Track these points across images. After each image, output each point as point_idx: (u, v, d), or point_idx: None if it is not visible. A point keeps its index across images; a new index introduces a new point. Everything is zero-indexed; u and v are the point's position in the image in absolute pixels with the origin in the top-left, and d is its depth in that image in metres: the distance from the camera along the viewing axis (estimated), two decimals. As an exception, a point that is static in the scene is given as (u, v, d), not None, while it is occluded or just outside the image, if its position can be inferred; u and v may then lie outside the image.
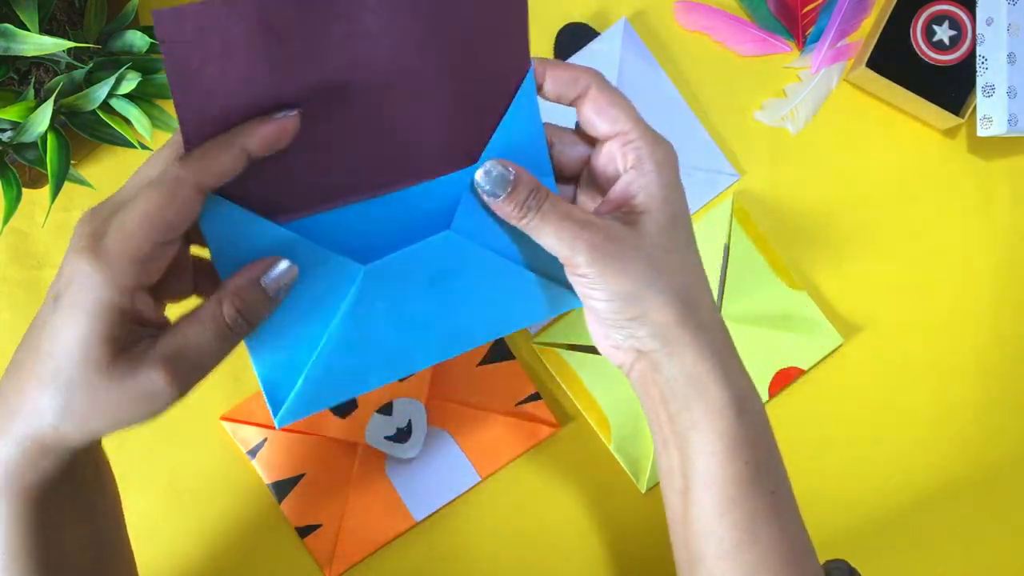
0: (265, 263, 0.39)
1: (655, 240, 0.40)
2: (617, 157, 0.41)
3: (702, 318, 0.41)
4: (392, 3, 0.37)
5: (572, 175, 0.45)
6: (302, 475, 0.61)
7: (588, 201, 0.44)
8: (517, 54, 0.41)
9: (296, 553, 0.62)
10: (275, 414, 0.42)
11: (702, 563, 0.43)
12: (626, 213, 0.40)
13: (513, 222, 0.41)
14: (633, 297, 0.40)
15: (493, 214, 0.42)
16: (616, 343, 0.42)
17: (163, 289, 0.39)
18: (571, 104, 0.42)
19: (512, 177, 0.40)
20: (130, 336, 0.37)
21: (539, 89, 0.42)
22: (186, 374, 0.37)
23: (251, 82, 0.36)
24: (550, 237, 0.40)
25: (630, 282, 0.39)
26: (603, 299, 0.40)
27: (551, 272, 0.45)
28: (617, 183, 0.41)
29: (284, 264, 0.39)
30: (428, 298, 0.43)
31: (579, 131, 0.44)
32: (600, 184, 0.43)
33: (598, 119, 0.41)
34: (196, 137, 0.36)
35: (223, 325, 0.38)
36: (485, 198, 0.41)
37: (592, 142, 0.43)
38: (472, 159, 0.42)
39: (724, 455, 0.41)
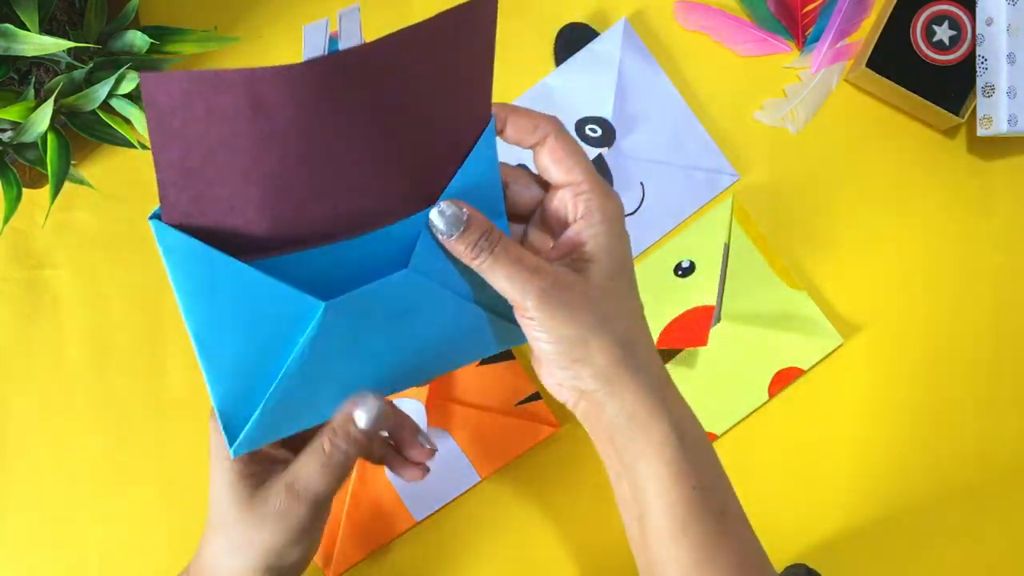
0: (354, 401, 0.44)
1: (600, 287, 0.42)
2: (568, 204, 0.43)
3: (640, 359, 0.43)
4: (364, 74, 0.38)
5: (525, 214, 0.46)
6: (302, 475, 0.61)
7: (538, 239, 0.46)
8: (480, 105, 0.42)
9: (296, 553, 0.62)
10: (230, 445, 0.43)
11: None
12: (575, 260, 0.42)
13: (466, 261, 0.42)
14: (578, 341, 0.42)
15: (449, 254, 0.43)
16: (560, 381, 0.44)
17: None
18: (529, 148, 0.44)
19: (466, 218, 0.42)
20: (265, 473, 0.45)
21: (499, 133, 0.44)
22: (304, 497, 0.44)
23: (232, 146, 0.37)
24: (501, 280, 0.41)
25: (575, 327, 0.41)
26: (549, 342, 0.42)
27: (501, 309, 0.46)
28: (568, 230, 0.43)
29: (377, 407, 0.44)
30: (386, 334, 0.44)
31: (533, 174, 0.46)
32: (550, 225, 0.45)
33: (554, 167, 0.43)
34: (172, 188, 0.37)
35: (323, 457, 0.44)
36: (440, 237, 0.42)
37: (546, 186, 0.45)
38: (431, 201, 0.43)
39: (671, 482, 0.43)
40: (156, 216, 0.38)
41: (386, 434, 0.50)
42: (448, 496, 0.62)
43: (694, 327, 0.61)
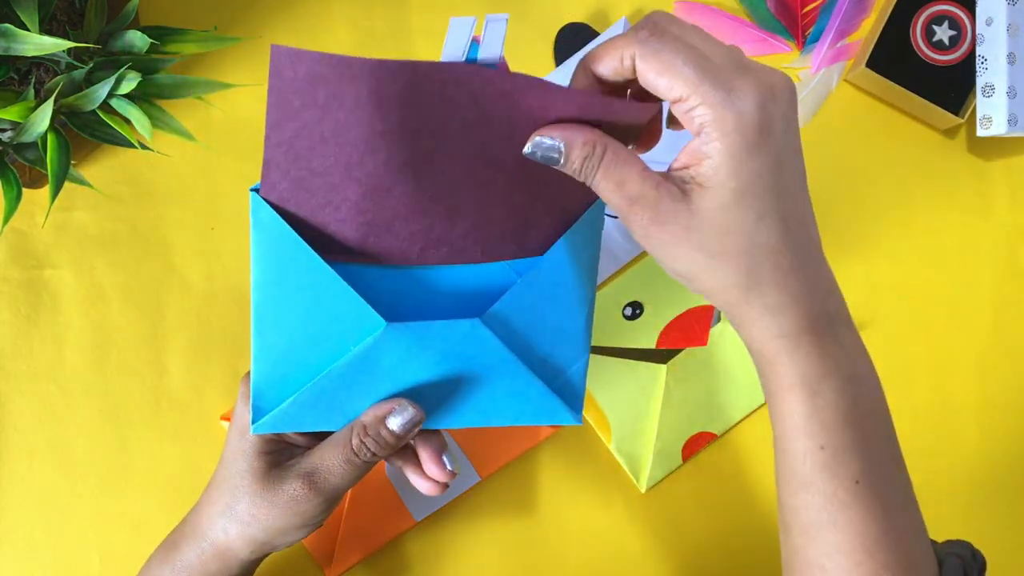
0: (392, 405, 0.44)
1: (711, 221, 0.36)
2: (686, 120, 0.37)
3: (769, 299, 0.38)
4: (497, 103, 0.37)
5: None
6: (302, 475, 0.62)
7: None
8: None
9: (296, 553, 0.62)
10: (253, 420, 0.44)
11: (787, 533, 0.42)
12: (689, 181, 0.37)
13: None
14: (689, 278, 0.38)
15: (527, 317, 0.44)
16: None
17: None
18: (633, 80, 0.38)
19: (561, 146, 0.37)
20: (282, 453, 0.46)
21: (593, 74, 0.39)
22: (321, 488, 0.45)
23: (344, 139, 0.37)
24: (608, 203, 0.38)
25: (681, 265, 0.38)
26: (665, 269, 0.39)
27: (557, 387, 0.47)
28: (686, 146, 0.37)
29: (411, 413, 0.44)
30: (435, 370, 0.45)
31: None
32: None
33: (656, 90, 0.37)
34: (275, 169, 0.38)
35: (350, 452, 0.44)
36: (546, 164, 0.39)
37: None
38: (525, 252, 0.44)
39: (794, 433, 0.39)
40: (256, 189, 0.39)
41: (412, 442, 0.49)
42: (448, 496, 0.62)
43: (694, 327, 0.61)
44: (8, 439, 0.62)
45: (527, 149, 0.38)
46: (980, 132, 0.61)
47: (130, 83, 0.49)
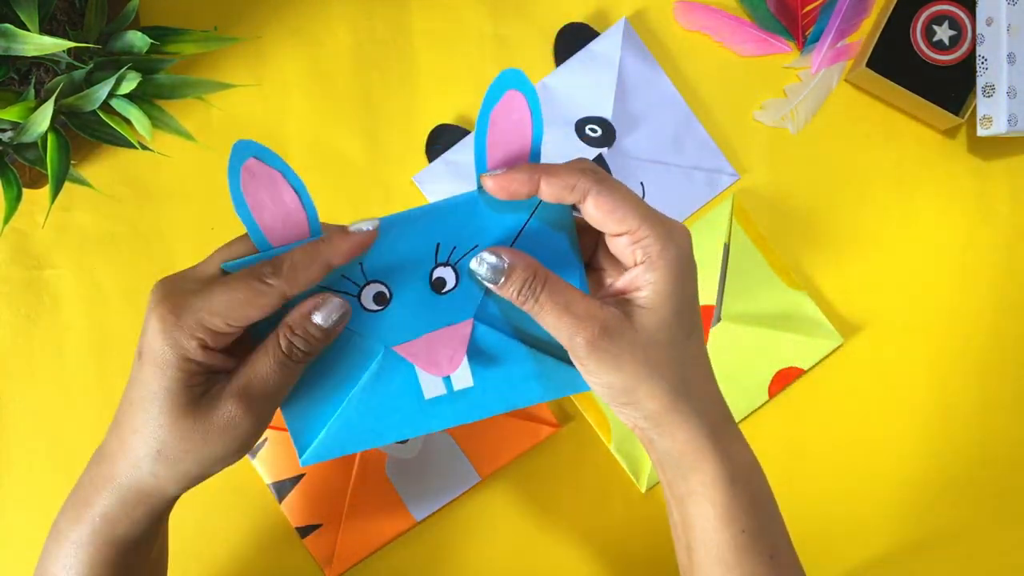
0: (317, 300, 0.43)
1: (653, 336, 0.42)
2: (627, 251, 0.42)
3: (694, 403, 0.43)
4: None
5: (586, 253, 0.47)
6: (302, 475, 0.62)
7: (606, 273, 0.46)
8: None
9: (296, 553, 0.62)
10: (300, 455, 0.47)
11: None
12: (629, 304, 0.42)
13: (518, 305, 0.43)
14: (625, 389, 0.42)
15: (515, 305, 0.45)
16: (616, 412, 0.45)
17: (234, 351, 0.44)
18: (573, 204, 0.43)
19: (505, 266, 0.42)
20: (208, 383, 0.42)
21: (535, 194, 0.43)
22: (258, 403, 0.42)
23: None
24: (549, 325, 0.42)
25: (623, 377, 0.42)
26: (599, 385, 0.43)
27: (565, 358, 0.47)
28: (627, 274, 0.43)
29: (335, 303, 0.43)
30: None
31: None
32: (613, 264, 0.45)
33: (605, 221, 0.42)
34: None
35: (282, 356, 0.42)
36: (486, 284, 0.43)
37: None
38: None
39: (719, 522, 0.44)
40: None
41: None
42: (448, 496, 0.62)
43: (694, 327, 0.61)
44: (8, 439, 0.62)
45: (472, 265, 0.43)
46: (980, 132, 0.61)
47: (130, 83, 0.49)
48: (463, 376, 0.47)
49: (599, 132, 0.63)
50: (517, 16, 0.64)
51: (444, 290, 0.46)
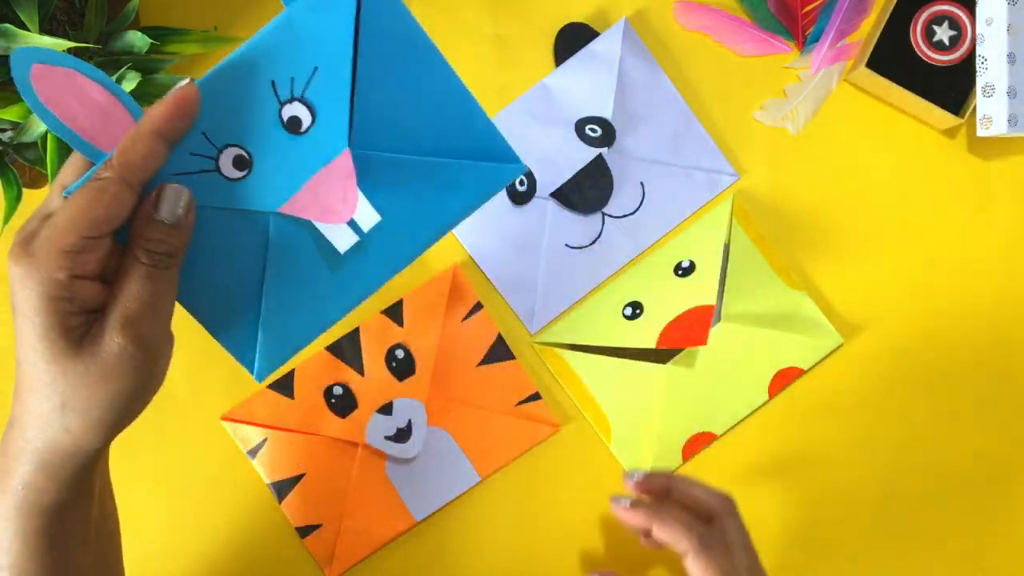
0: (150, 197, 0.39)
1: None
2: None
3: None
4: None
5: None
6: (302, 475, 0.62)
7: None
8: None
9: (296, 553, 0.62)
10: (252, 371, 0.43)
11: None
12: None
13: None
14: None
15: (391, 116, 0.41)
16: None
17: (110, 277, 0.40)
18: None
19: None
20: (88, 321, 0.38)
21: (647, 534, 0.55)
22: (143, 325, 0.38)
23: None
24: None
25: None
26: None
27: (473, 153, 0.43)
28: None
29: (170, 189, 0.39)
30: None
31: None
32: None
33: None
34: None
35: (144, 267, 0.38)
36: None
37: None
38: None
39: None
40: None
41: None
42: (448, 496, 0.62)
43: (694, 327, 0.61)
44: (8, 439, 0.62)
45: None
46: (980, 132, 0.61)
47: (130, 83, 0.49)
48: (367, 213, 0.43)
49: (599, 132, 0.63)
50: (517, 16, 0.64)
51: (302, 129, 0.41)
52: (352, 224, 0.43)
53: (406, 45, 0.42)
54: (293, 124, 0.41)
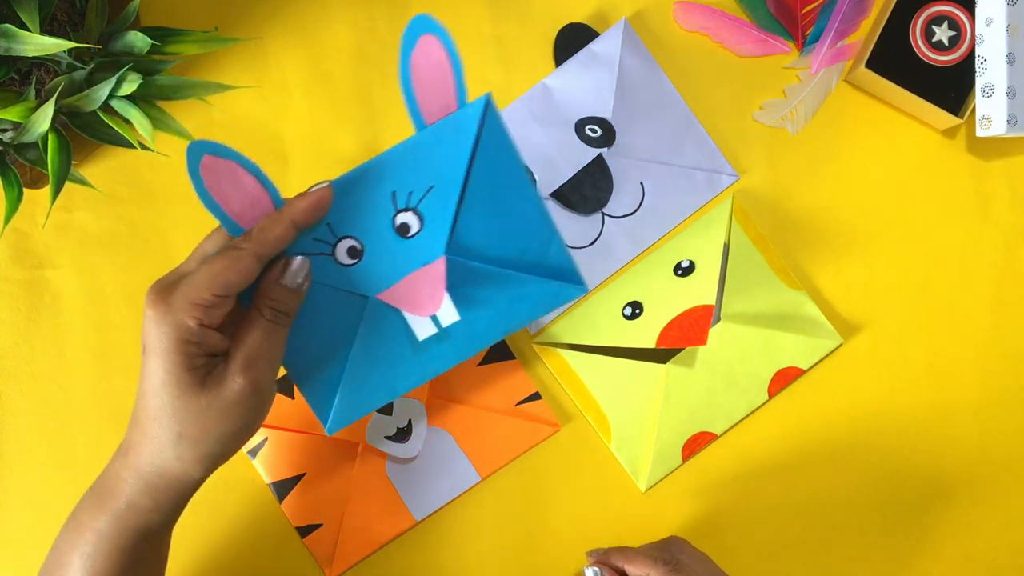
0: (279, 265, 0.47)
1: None
2: None
3: None
4: None
5: None
6: (302, 475, 0.62)
7: None
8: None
9: (296, 552, 0.62)
10: (325, 424, 0.52)
11: None
12: None
13: None
14: None
15: (485, 229, 0.49)
16: None
17: (228, 330, 0.47)
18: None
19: None
20: (209, 364, 0.45)
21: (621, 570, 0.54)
22: (260, 372, 0.46)
23: None
24: None
25: None
26: None
27: (549, 273, 0.51)
28: None
29: (296, 261, 0.48)
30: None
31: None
32: None
33: None
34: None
35: (265, 322, 0.46)
36: None
37: None
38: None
39: None
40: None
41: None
42: (448, 496, 0.62)
43: (694, 326, 0.61)
44: (8, 439, 0.63)
45: None
46: (980, 132, 0.61)
47: (131, 84, 0.49)
48: (448, 311, 0.51)
49: (599, 132, 0.63)
50: (517, 16, 0.64)
51: (410, 234, 0.49)
52: (434, 319, 0.51)
53: (508, 174, 0.49)
54: (403, 229, 0.49)
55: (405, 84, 0.47)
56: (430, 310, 0.49)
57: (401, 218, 0.49)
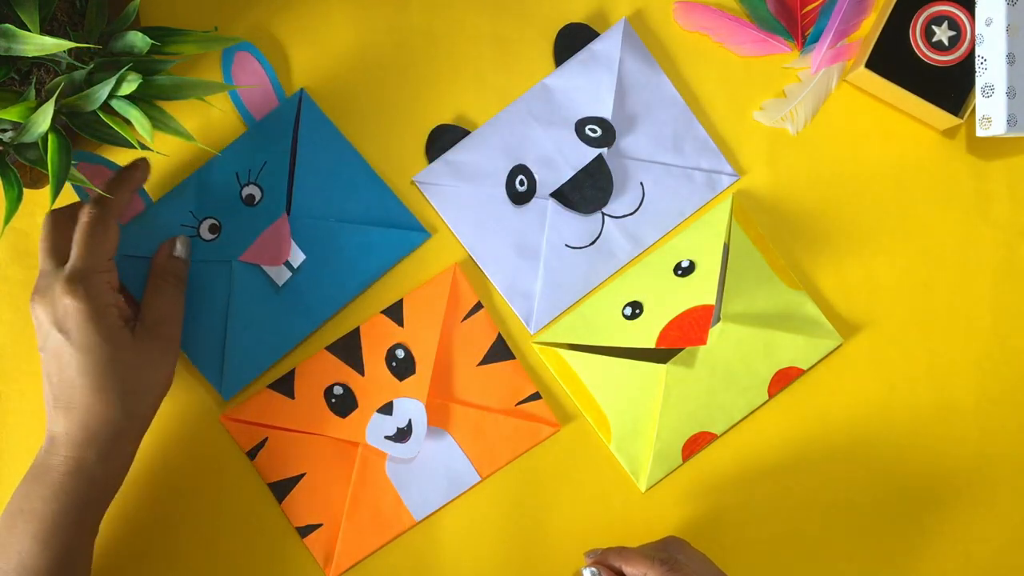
0: (168, 244, 0.60)
1: None
2: None
3: None
4: None
5: None
6: (302, 475, 0.62)
7: None
8: None
9: (296, 553, 0.62)
10: (219, 390, 0.61)
11: None
12: None
13: None
14: None
15: (318, 194, 0.61)
16: None
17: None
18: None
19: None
20: (128, 327, 0.55)
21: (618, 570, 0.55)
22: (172, 327, 0.57)
23: None
24: None
25: None
26: None
27: (387, 223, 0.62)
28: None
29: (181, 238, 0.60)
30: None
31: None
32: None
33: None
34: None
35: (171, 289, 0.58)
36: None
37: None
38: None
39: None
40: None
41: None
42: (448, 496, 0.62)
43: (694, 326, 0.61)
44: (8, 439, 0.63)
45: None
46: (979, 132, 0.61)
47: (131, 84, 0.49)
48: (297, 255, 0.61)
49: (599, 132, 0.63)
50: (517, 16, 0.64)
51: (256, 202, 0.61)
52: (287, 265, 0.61)
53: (331, 149, 0.62)
54: (249, 200, 0.61)
55: (232, 93, 0.61)
56: (281, 259, 0.60)
57: (246, 191, 0.61)
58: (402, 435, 0.61)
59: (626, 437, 0.63)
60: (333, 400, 0.62)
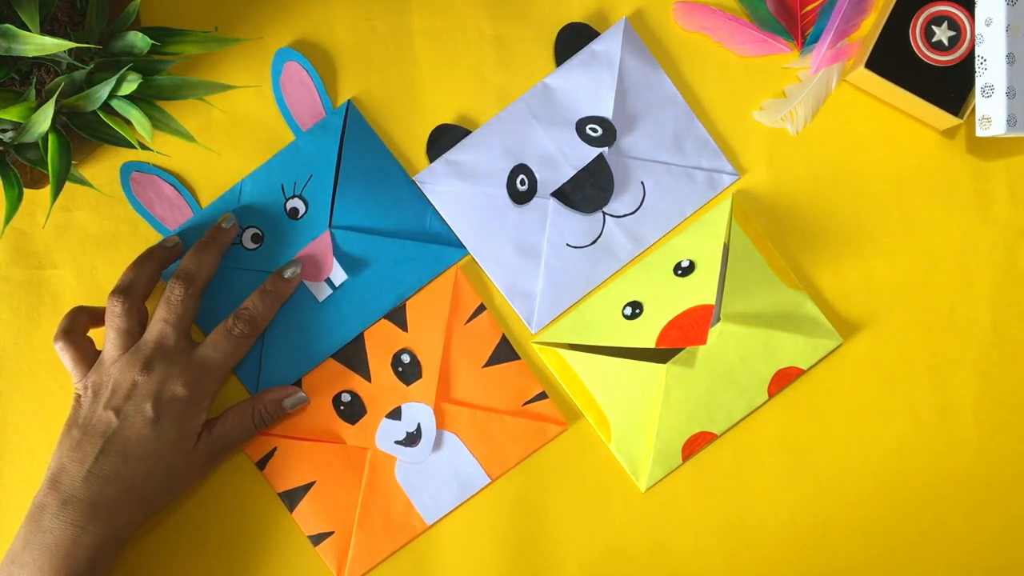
0: (288, 390, 0.60)
1: None
2: None
3: None
4: None
5: None
6: (312, 483, 0.62)
7: None
8: None
9: (310, 561, 0.62)
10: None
11: None
12: None
13: None
14: None
15: (361, 208, 0.61)
16: None
17: None
18: None
19: None
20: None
21: None
22: (223, 448, 0.58)
23: None
24: None
25: None
26: None
27: (425, 238, 0.62)
28: None
29: (301, 394, 0.60)
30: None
31: None
32: None
33: None
34: None
35: (249, 420, 0.59)
36: None
37: None
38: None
39: None
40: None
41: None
42: (459, 499, 0.62)
43: (693, 326, 0.61)
44: (8, 439, 0.62)
45: None
46: (979, 132, 0.61)
47: (131, 84, 0.49)
48: (339, 275, 0.61)
49: (599, 132, 0.63)
50: (517, 16, 0.64)
51: (299, 216, 0.61)
52: (328, 282, 0.61)
53: (375, 161, 0.62)
54: (293, 213, 0.62)
55: (280, 103, 0.61)
56: (323, 275, 0.61)
57: (290, 204, 0.61)
58: (412, 439, 0.61)
59: (626, 437, 0.63)
60: (342, 407, 0.62)
